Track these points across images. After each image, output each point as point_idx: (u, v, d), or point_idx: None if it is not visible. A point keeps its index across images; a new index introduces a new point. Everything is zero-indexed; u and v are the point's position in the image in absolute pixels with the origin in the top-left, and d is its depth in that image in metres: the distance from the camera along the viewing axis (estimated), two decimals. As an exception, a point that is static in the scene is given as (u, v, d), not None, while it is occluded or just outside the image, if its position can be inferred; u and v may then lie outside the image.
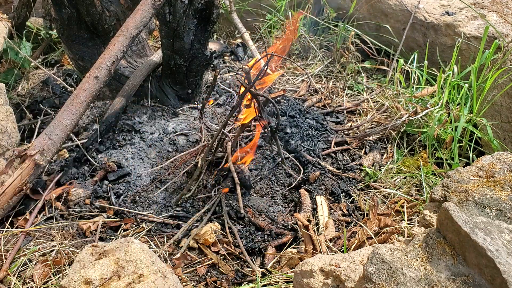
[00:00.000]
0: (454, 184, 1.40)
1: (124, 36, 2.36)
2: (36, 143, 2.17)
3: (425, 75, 3.02)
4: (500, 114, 2.49)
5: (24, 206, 2.24)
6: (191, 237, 2.10)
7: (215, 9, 2.66)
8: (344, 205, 2.35)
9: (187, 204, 2.31)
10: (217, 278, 1.97)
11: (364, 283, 1.12)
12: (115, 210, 2.27)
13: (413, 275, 1.06)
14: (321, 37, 3.78)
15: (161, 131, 2.72)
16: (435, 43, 3.19)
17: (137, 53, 3.05)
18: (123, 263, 1.57)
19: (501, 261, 0.97)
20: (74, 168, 2.47)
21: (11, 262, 1.97)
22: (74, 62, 2.94)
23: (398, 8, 3.38)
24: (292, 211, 2.31)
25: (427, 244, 1.13)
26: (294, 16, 3.65)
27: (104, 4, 2.68)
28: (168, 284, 1.54)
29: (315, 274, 1.53)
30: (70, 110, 2.24)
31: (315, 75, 3.55)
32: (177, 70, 2.88)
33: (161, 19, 2.67)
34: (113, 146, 2.61)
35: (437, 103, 2.76)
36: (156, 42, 3.90)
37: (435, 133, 2.56)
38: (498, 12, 3.10)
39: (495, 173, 1.37)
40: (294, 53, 3.77)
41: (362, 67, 3.54)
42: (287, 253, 2.03)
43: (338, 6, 3.74)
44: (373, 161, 2.63)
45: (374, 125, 2.95)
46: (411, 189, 2.40)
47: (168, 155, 2.58)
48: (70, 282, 1.52)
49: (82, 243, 2.11)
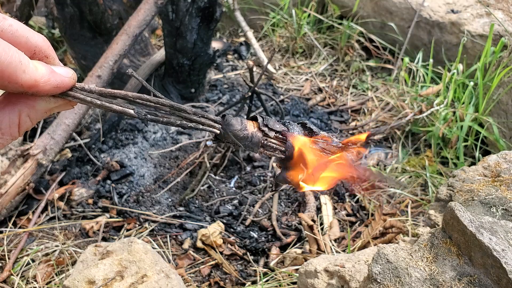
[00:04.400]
0: (459, 184, 1.39)
1: (126, 35, 2.35)
2: (38, 143, 2.16)
3: (430, 74, 3.00)
4: (506, 112, 2.47)
5: (27, 206, 2.23)
6: (198, 237, 2.10)
7: (218, 7, 2.65)
8: (348, 204, 2.34)
9: (190, 204, 2.30)
10: (220, 278, 1.97)
11: (369, 283, 1.11)
12: (118, 210, 2.26)
13: (418, 275, 1.05)
14: (325, 35, 3.77)
15: (164, 130, 2.72)
16: (440, 41, 3.17)
17: (140, 52, 3.04)
18: (126, 263, 1.57)
19: (507, 261, 0.96)
20: (77, 167, 2.47)
21: (14, 262, 1.97)
22: (77, 61, 2.94)
23: (403, 6, 3.36)
24: (296, 211, 2.30)
25: (432, 244, 1.12)
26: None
27: (107, 3, 2.67)
28: (171, 285, 1.53)
29: (319, 274, 1.52)
30: (72, 109, 2.24)
31: (319, 73, 3.53)
32: (180, 69, 2.87)
33: (164, 17, 2.66)
34: (116, 145, 2.60)
35: (442, 101, 2.74)
36: (159, 41, 3.89)
37: (441, 132, 2.55)
38: (504, 10, 3.08)
39: (501, 172, 1.36)
40: (298, 51, 3.75)
41: (367, 66, 3.52)
42: (291, 253, 2.02)
43: (342, 4, 3.72)
44: (378, 160, 2.62)
45: (379, 124, 2.93)
46: (416, 189, 2.38)
47: (171, 155, 2.57)
48: (73, 282, 1.52)
49: (85, 243, 2.10)
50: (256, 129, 0.75)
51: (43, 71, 0.59)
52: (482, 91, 2.55)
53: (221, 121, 0.74)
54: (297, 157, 0.77)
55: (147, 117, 0.69)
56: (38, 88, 0.58)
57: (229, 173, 2.48)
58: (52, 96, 0.63)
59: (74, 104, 0.68)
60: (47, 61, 0.62)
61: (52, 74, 0.60)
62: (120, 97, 0.70)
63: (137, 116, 0.69)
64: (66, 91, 0.64)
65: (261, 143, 0.75)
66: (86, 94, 0.67)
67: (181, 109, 0.71)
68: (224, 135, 0.74)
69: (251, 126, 0.75)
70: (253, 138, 0.74)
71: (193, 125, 0.72)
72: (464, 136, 2.49)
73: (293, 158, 0.77)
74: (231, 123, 0.73)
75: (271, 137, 0.76)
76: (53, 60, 0.63)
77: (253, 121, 0.77)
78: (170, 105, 0.70)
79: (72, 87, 0.65)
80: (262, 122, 0.75)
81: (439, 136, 2.56)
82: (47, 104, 0.63)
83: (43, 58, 0.62)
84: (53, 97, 0.64)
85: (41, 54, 0.61)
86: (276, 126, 0.76)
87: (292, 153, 0.76)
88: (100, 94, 0.68)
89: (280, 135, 0.77)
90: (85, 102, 0.66)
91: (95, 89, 0.68)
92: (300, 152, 0.77)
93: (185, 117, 0.72)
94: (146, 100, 0.70)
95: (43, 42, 0.61)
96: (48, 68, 0.60)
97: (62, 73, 0.62)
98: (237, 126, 0.73)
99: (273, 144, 0.76)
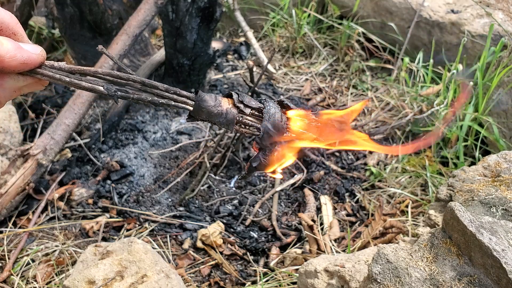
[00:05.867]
0: (459, 184, 1.39)
1: (126, 35, 2.35)
2: (38, 143, 2.16)
3: (430, 74, 3.00)
4: (506, 112, 2.47)
5: (27, 206, 2.23)
6: (198, 237, 2.10)
7: (218, 7, 2.65)
8: (348, 205, 2.34)
9: (190, 204, 2.30)
10: (220, 278, 1.97)
11: (369, 283, 1.11)
12: (118, 210, 2.26)
13: (418, 275, 1.05)
14: (325, 35, 3.77)
15: (164, 130, 2.72)
16: (440, 42, 3.17)
17: (140, 52, 3.04)
18: (126, 263, 1.57)
19: (507, 261, 0.96)
20: (77, 167, 2.47)
21: (14, 262, 1.97)
22: (77, 61, 2.93)
23: (403, 6, 3.36)
24: (296, 211, 2.30)
25: (432, 244, 1.12)
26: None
27: (107, 3, 2.67)
28: (171, 285, 1.53)
29: (319, 274, 1.52)
30: (72, 109, 2.24)
31: (319, 73, 3.53)
32: (180, 69, 2.87)
33: (164, 17, 2.66)
34: (115, 145, 2.60)
35: (442, 102, 2.74)
36: (159, 41, 3.89)
37: (441, 132, 2.55)
38: (504, 10, 3.08)
39: (501, 172, 1.36)
40: (298, 51, 3.75)
41: (367, 66, 3.52)
42: (291, 253, 2.02)
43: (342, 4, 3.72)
44: (378, 160, 2.62)
45: (379, 124, 2.93)
46: (416, 189, 2.38)
47: (171, 155, 2.57)
48: (73, 282, 1.52)
49: (85, 243, 2.10)
50: (231, 106, 0.73)
51: (9, 46, 0.58)
52: (482, 91, 2.55)
53: (194, 97, 0.71)
54: (275, 136, 0.73)
55: (117, 94, 0.68)
56: (4, 63, 0.58)
57: (229, 173, 2.48)
58: (20, 74, 0.62)
59: (44, 83, 0.66)
60: (15, 38, 0.61)
61: (18, 50, 0.59)
62: (90, 74, 0.68)
63: (107, 92, 0.67)
64: (35, 69, 0.63)
65: (236, 120, 0.72)
66: (56, 72, 0.65)
67: (152, 85, 0.69)
68: (197, 112, 0.71)
69: (225, 103, 0.73)
70: (227, 114, 0.72)
71: (164, 101, 0.70)
72: (464, 136, 2.49)
73: (270, 137, 0.73)
74: (204, 99, 0.71)
75: (246, 114, 0.73)
76: (22, 37, 0.62)
77: (228, 98, 0.74)
78: (141, 81, 0.69)
79: (41, 65, 0.64)
80: (237, 99, 0.73)
81: (439, 136, 2.56)
82: (15, 82, 0.62)
83: (11, 35, 0.60)
84: (21, 75, 0.62)
85: (8, 31, 0.60)
86: (252, 103, 0.74)
87: (268, 130, 0.72)
88: (70, 72, 0.67)
89: (256, 112, 0.74)
90: (54, 79, 0.65)
91: (64, 66, 0.67)
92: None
93: (157, 93, 0.70)
94: (116, 76, 0.68)
95: (10, 19, 0.60)
96: (15, 44, 0.59)
97: (30, 50, 0.61)
98: (211, 102, 0.71)
99: (248, 121, 0.73)
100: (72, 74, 0.67)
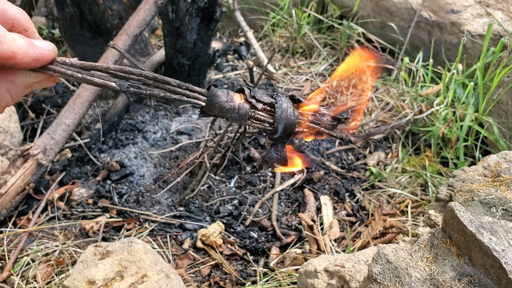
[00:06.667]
0: (459, 184, 1.39)
1: (126, 35, 2.35)
2: (38, 143, 2.16)
3: (430, 73, 3.00)
4: (506, 112, 2.47)
5: (26, 206, 2.23)
6: (198, 237, 2.10)
7: (218, 7, 2.65)
8: (348, 205, 2.34)
9: (190, 204, 2.30)
10: (220, 278, 1.97)
11: (369, 283, 1.11)
12: (118, 210, 2.26)
13: (418, 275, 1.05)
14: (325, 35, 3.77)
15: (164, 130, 2.72)
16: (440, 42, 3.17)
17: (140, 52, 3.04)
18: (126, 263, 1.57)
19: (507, 261, 0.96)
20: (77, 167, 2.47)
21: (14, 262, 1.97)
22: (77, 62, 2.93)
23: (403, 6, 3.36)
24: (296, 211, 2.30)
25: (432, 244, 1.12)
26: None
27: (107, 3, 2.67)
28: (171, 285, 1.53)
29: (319, 274, 1.52)
30: (72, 109, 2.24)
31: (319, 73, 3.53)
32: (180, 69, 2.87)
33: (164, 17, 2.66)
34: (115, 145, 2.60)
35: (442, 102, 2.74)
36: (159, 41, 3.89)
37: (441, 132, 2.55)
38: (504, 10, 3.08)
39: (501, 172, 1.36)
40: (298, 51, 3.75)
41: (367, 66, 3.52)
42: (291, 253, 2.02)
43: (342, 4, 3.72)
44: (378, 161, 2.62)
45: (378, 124, 2.93)
46: (416, 189, 2.38)
47: (171, 155, 2.57)
48: (73, 282, 1.52)
49: (85, 243, 2.10)
50: (243, 101, 0.73)
51: (22, 42, 0.57)
52: (482, 91, 2.55)
53: (206, 93, 0.71)
54: (288, 132, 0.74)
55: (129, 89, 0.67)
56: (16, 60, 0.57)
57: (229, 173, 2.48)
58: (32, 70, 0.62)
59: (56, 79, 0.66)
60: (26, 35, 0.61)
61: (31, 46, 0.59)
62: (102, 70, 0.68)
63: (119, 88, 0.67)
64: (47, 65, 0.63)
65: (249, 115, 0.72)
66: (67, 68, 0.65)
67: (165, 81, 0.69)
68: (210, 107, 0.71)
69: (237, 98, 0.72)
70: (240, 109, 0.72)
71: (177, 97, 0.70)
72: (464, 136, 2.49)
73: (282, 132, 0.73)
74: (216, 94, 0.71)
75: (258, 109, 0.73)
76: (33, 34, 0.62)
77: (240, 93, 0.74)
78: (154, 77, 0.69)
79: (52, 61, 0.64)
80: (249, 94, 0.73)
81: (439, 136, 2.56)
82: (27, 78, 0.62)
83: (22, 31, 0.60)
84: (33, 71, 0.62)
85: (20, 27, 0.60)
86: (264, 98, 0.74)
87: (279, 126, 0.73)
88: (82, 68, 0.67)
89: (268, 107, 0.74)
90: (66, 75, 0.65)
91: (76, 62, 0.66)
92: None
93: (169, 89, 0.69)
94: (129, 72, 0.68)
95: (22, 15, 0.60)
96: (27, 41, 0.59)
97: (42, 46, 0.61)
98: (223, 98, 0.71)
99: (261, 116, 0.74)
100: (84, 70, 0.67)
